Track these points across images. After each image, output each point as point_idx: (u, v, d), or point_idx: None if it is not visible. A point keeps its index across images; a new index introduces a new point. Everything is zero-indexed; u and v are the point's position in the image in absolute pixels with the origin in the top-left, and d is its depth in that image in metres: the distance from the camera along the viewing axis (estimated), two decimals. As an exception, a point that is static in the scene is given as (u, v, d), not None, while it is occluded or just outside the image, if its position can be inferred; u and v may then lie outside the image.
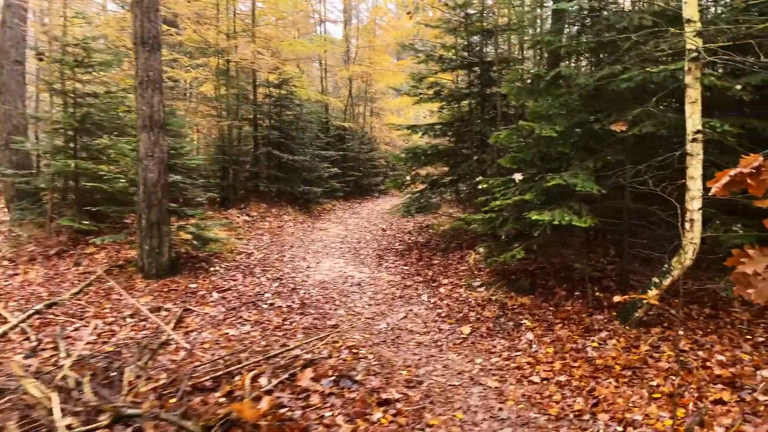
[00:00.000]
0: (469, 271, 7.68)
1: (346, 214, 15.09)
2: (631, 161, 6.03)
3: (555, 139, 5.98)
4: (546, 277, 7.01)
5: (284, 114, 15.17)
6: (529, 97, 6.42)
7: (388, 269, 8.13)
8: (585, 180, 5.47)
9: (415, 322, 5.92)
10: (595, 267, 7.72)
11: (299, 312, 6.14)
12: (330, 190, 17.32)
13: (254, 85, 15.03)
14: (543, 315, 5.89)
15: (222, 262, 8.21)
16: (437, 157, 9.45)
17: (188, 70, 14.73)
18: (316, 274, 7.79)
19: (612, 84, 5.70)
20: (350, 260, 8.75)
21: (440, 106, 9.87)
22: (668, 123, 5.41)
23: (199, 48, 13.63)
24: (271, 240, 10.39)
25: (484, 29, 8.93)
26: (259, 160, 15.17)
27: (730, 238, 5.39)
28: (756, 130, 6.02)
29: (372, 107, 24.39)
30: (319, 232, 11.64)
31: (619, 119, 5.77)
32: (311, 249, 9.59)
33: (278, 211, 13.59)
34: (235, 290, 6.91)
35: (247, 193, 14.29)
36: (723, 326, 5.57)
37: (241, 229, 11.07)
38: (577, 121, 6.15)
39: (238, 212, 12.67)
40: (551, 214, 5.37)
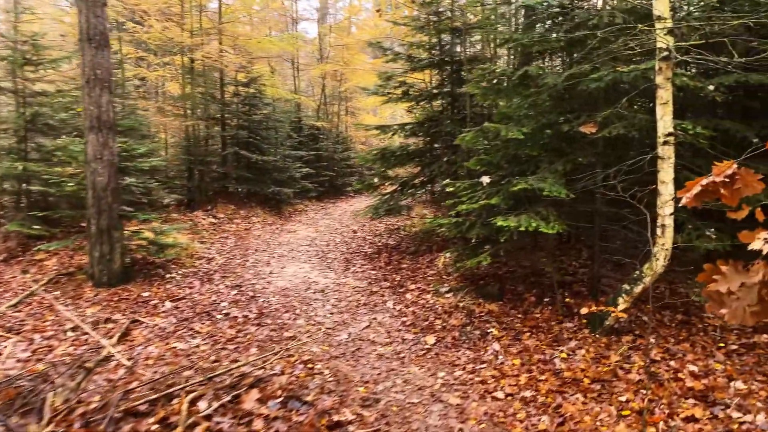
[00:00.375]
0: (437, 276, 7.42)
1: (318, 215, 14.74)
2: (602, 164, 5.83)
3: (522, 142, 5.75)
4: (516, 281, 6.78)
5: (253, 113, 14.76)
6: (496, 97, 6.18)
7: (355, 274, 7.83)
8: (553, 184, 5.24)
9: (378, 332, 5.63)
10: (566, 271, 7.53)
11: (255, 323, 5.80)
12: (302, 190, 16.95)
13: (221, 83, 14.59)
14: (511, 323, 5.65)
15: (180, 268, 7.81)
16: (408, 158, 9.18)
17: (155, 69, 14.24)
18: (279, 280, 7.45)
19: (581, 84, 5.49)
20: (316, 265, 8.42)
21: (409, 106, 9.61)
22: (639, 125, 5.22)
23: (161, 46, 13.14)
24: (235, 243, 10.00)
25: (453, 27, 8.68)
26: (227, 160, 14.74)
27: (702, 243, 5.22)
28: (729, 132, 5.87)
29: (347, 106, 24.05)
30: (287, 234, 11.27)
31: (588, 121, 5.57)
32: (276, 253, 9.24)
33: (247, 213, 13.18)
34: (189, 299, 6.53)
35: (215, 194, 13.84)
36: (695, 333, 5.41)
37: (205, 232, 10.65)
38: (546, 122, 5.93)
39: (204, 214, 12.24)
40: (517, 219, 5.13)
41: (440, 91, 9.19)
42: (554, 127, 5.96)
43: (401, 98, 9.21)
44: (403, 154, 8.89)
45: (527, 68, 5.56)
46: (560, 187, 5.25)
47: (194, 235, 10.20)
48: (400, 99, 9.26)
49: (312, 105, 20.18)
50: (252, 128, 14.61)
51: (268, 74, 16.16)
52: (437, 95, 9.17)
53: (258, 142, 14.61)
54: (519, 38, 6.10)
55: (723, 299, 2.39)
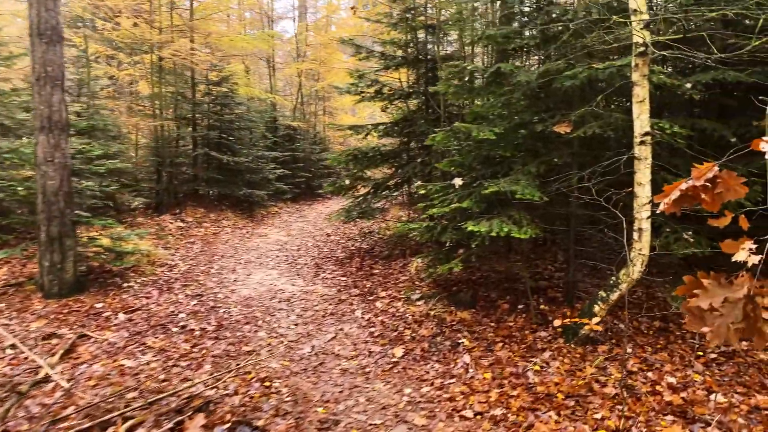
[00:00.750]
0: (410, 282, 7.14)
1: (292, 218, 14.37)
2: (577, 165, 5.60)
3: (495, 142, 5.50)
4: (489, 287, 6.53)
5: (225, 113, 14.32)
6: (469, 96, 5.91)
7: (325, 281, 7.50)
8: (526, 186, 4.99)
9: (343, 344, 5.31)
10: (541, 275, 7.30)
11: (213, 336, 5.44)
12: (277, 192, 16.55)
13: (193, 82, 14.13)
14: (483, 332, 5.38)
15: (139, 276, 7.40)
16: (382, 159, 8.87)
17: (126, 68, 13.74)
18: (243, 288, 7.09)
19: (556, 82, 5.24)
20: (285, 271, 8.08)
21: (383, 105, 9.31)
22: (615, 124, 4.99)
23: (130, 44, 12.65)
24: (201, 249, 9.60)
25: (428, 24, 8.41)
26: (198, 161, 14.29)
27: (680, 249, 5.01)
28: (706, 131, 5.68)
29: (324, 106, 23.69)
30: (258, 239, 10.89)
31: (562, 120, 5.33)
32: (244, 259, 8.86)
33: (217, 216, 12.76)
34: (145, 310, 6.14)
35: (185, 197, 13.40)
36: (673, 341, 5.20)
37: (171, 237, 10.23)
38: (520, 122, 5.68)
39: (171, 218, 11.79)
40: (489, 224, 4.86)
41: (414, 90, 8.91)
42: (528, 127, 5.72)
43: (374, 97, 8.91)
44: (376, 155, 8.59)
45: (500, 65, 5.30)
46: (534, 190, 4.99)
47: (159, 240, 9.78)
48: (373, 98, 8.95)
49: (287, 104, 19.77)
50: (224, 128, 14.19)
51: (241, 73, 15.72)
52: (411, 94, 8.89)
53: (230, 142, 14.19)
54: (492, 34, 5.84)
55: (704, 316, 2.13)
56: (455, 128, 5.29)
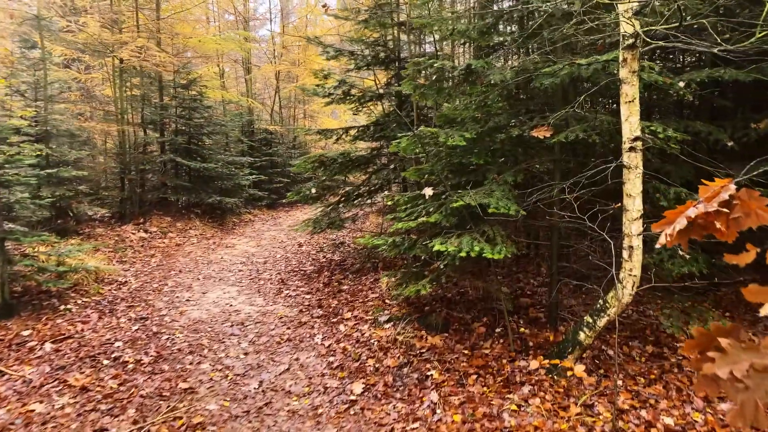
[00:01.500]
0: (379, 300, 6.52)
1: (266, 226, 13.68)
2: (560, 173, 5.02)
3: (467, 148, 4.91)
4: (465, 307, 5.93)
5: (195, 117, 13.63)
6: (438, 97, 5.31)
7: (287, 299, 6.86)
8: (501, 198, 4.40)
9: (297, 378, 4.67)
10: (523, 290, 6.72)
11: (148, 370, 4.76)
12: (251, 198, 15.89)
13: (160, 85, 13.44)
14: (455, 362, 4.77)
15: (81, 296, 6.70)
16: (352, 165, 8.24)
17: (94, 71, 13.04)
18: (195, 310, 6.42)
19: (534, 81, 4.66)
20: (245, 288, 7.42)
21: (353, 107, 8.69)
22: (601, 128, 4.41)
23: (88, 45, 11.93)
24: (160, 262, 8.90)
25: (399, 22, 7.82)
26: (166, 168, 13.58)
27: (677, 267, 4.44)
28: (700, 134, 5.14)
29: (305, 109, 23.05)
30: (223, 250, 10.21)
31: (541, 123, 4.75)
32: (203, 274, 8.18)
33: (184, 226, 12.05)
34: (78, 338, 5.45)
35: (151, 205, 12.68)
36: (669, 369, 4.63)
37: (129, 250, 9.52)
38: (494, 126, 5.09)
39: (134, 228, 11.07)
40: (458, 242, 4.26)
41: (387, 92, 8.31)
42: (505, 132, 5.14)
43: (343, 99, 8.29)
44: (345, 161, 7.96)
45: (470, 62, 4.70)
46: (510, 202, 4.40)
47: (114, 253, 9.07)
48: (342, 100, 8.33)
49: (264, 108, 19.09)
50: (192, 133, 13.50)
51: (211, 75, 15.05)
52: (383, 96, 8.29)
53: (198, 147, 13.50)
54: (463, 29, 5.25)
55: (725, 387, 1.52)
56: (421, 133, 4.68)
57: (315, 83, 8.18)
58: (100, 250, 9.21)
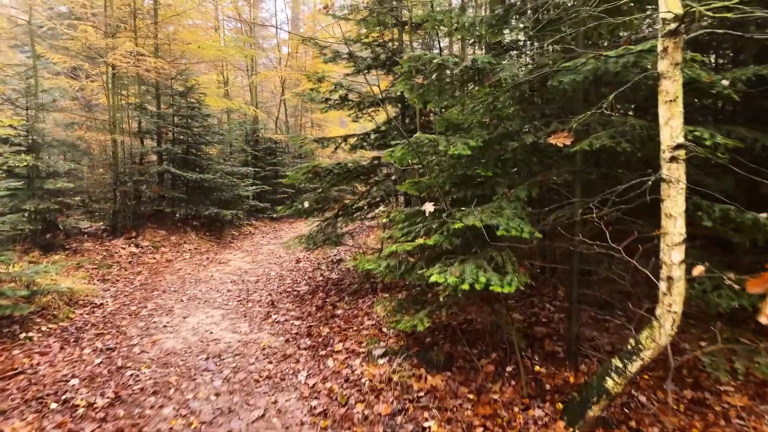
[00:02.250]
0: (376, 328, 5.81)
1: (265, 239, 13.04)
2: (581, 187, 4.29)
3: (473, 158, 4.22)
4: (471, 339, 5.20)
5: (194, 126, 13.09)
6: (438, 99, 4.62)
7: (274, 326, 6.18)
8: (512, 217, 3.69)
9: (272, 428, 3.98)
10: (538, 317, 5.98)
11: (100, 416, 4.09)
12: (255, 210, 15.32)
13: (157, 93, 12.93)
14: (459, 410, 4.05)
15: (48, 322, 6.09)
16: (351, 176, 7.57)
17: (93, 79, 12.57)
18: (170, 338, 5.76)
19: (552, 79, 3.96)
20: (231, 311, 6.75)
21: (352, 114, 8.05)
22: (632, 134, 3.70)
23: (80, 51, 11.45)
24: (144, 281, 8.28)
25: (399, 21, 7.17)
26: (164, 179, 13.04)
27: (725, 300, 3.69)
28: (745, 140, 4.39)
29: (312, 118, 22.51)
30: (216, 266, 9.57)
31: (560, 129, 4.04)
32: (188, 294, 7.54)
33: (179, 239, 11.46)
34: (31, 374, 4.81)
35: (146, 218, 12.12)
36: (714, 422, 3.87)
37: (115, 267, 8.92)
38: (504, 132, 4.39)
39: (125, 243, 10.50)
40: (461, 269, 3.55)
41: (387, 96, 7.65)
42: (517, 139, 4.44)
43: (340, 105, 7.65)
44: (342, 172, 7.30)
45: (475, 57, 4.02)
46: (522, 222, 3.69)
47: (97, 270, 8.47)
48: (340, 106, 7.69)
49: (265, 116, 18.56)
50: (190, 143, 12.96)
51: (213, 83, 14.55)
52: (384, 101, 7.62)
53: (197, 157, 12.95)
54: (469, 23, 4.58)
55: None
56: (416, 140, 3.99)
57: (310, 87, 7.53)
58: (83, 266, 8.63)
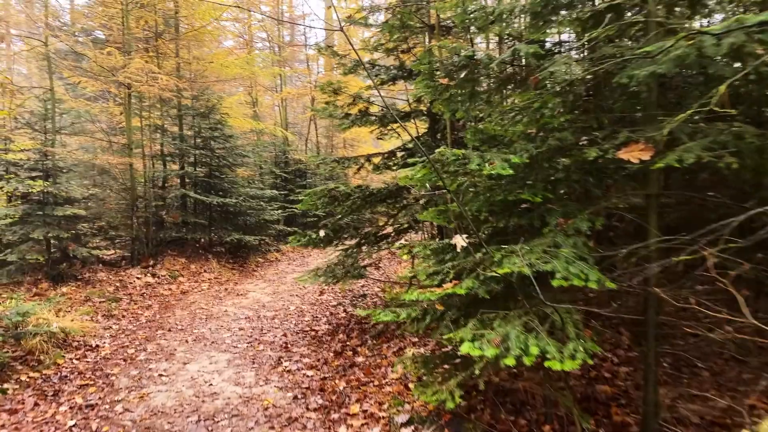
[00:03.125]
0: (401, 383, 4.87)
1: (290, 267, 12.28)
2: (656, 215, 3.28)
3: (514, 179, 3.29)
4: (516, 405, 4.19)
5: (216, 148, 12.54)
6: (469, 105, 3.71)
7: (284, 376, 5.30)
8: (573, 260, 2.73)
9: None
10: (599, 371, 4.91)
11: None
12: (281, 234, 14.65)
13: (179, 114, 12.47)
14: None
15: (31, 369, 5.39)
16: (374, 200, 6.70)
17: (117, 102, 12.25)
18: (162, 392, 4.95)
19: (622, 74, 2.99)
20: (238, 356, 5.92)
21: (376, 131, 7.22)
22: (740, 144, 2.70)
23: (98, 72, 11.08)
24: (152, 317, 7.57)
25: (426, 24, 6.33)
26: (186, 204, 12.51)
27: None
28: None
29: (344, 138, 21.90)
30: (232, 299, 8.81)
31: (632, 140, 3.07)
32: (196, 334, 6.76)
33: (199, 268, 10.81)
34: (-12, 442, 4.09)
35: (166, 245, 11.56)
36: None
37: (125, 299, 8.28)
38: (556, 145, 3.44)
39: (141, 272, 9.90)
40: (502, 332, 2.60)
41: (415, 110, 6.79)
42: (572, 154, 3.47)
43: (361, 120, 6.83)
44: (364, 196, 6.45)
45: (516, 47, 3.11)
46: (587, 267, 2.72)
47: (104, 304, 7.84)
48: (360, 121, 6.87)
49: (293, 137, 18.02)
50: (213, 166, 12.41)
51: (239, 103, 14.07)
52: (411, 115, 6.76)
53: (220, 180, 12.37)
54: (504, 10, 3.68)
55: None
56: (440, 156, 3.09)
57: (326, 101, 6.74)
58: (91, 300, 8.01)
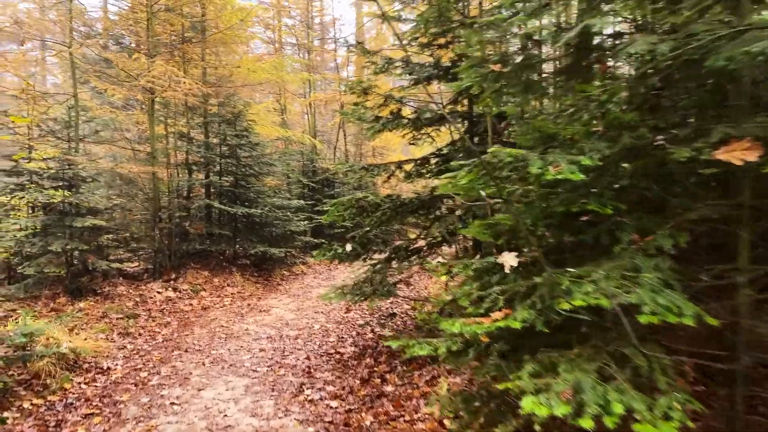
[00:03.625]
0: (434, 420, 4.27)
1: (316, 281, 11.79)
2: (749, 229, 2.64)
3: (575, 187, 2.70)
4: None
5: (242, 156, 12.20)
6: (523, 98, 3.13)
7: (305, 407, 4.76)
8: (659, 289, 2.12)
9: None
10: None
11: None
12: (308, 246, 14.22)
13: (204, 122, 12.19)
14: None
15: (36, 395, 4.98)
16: (404, 211, 6.15)
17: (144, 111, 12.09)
18: (173, 424, 4.45)
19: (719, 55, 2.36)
20: (258, 381, 5.41)
21: (408, 134, 6.67)
22: None
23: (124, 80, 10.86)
24: (170, 336, 7.14)
25: (465, 15, 5.77)
26: (210, 214, 12.18)
27: None
28: None
29: (373, 146, 21.46)
30: (255, 316, 8.34)
31: (731, 137, 2.45)
32: (214, 355, 6.29)
33: (222, 281, 10.41)
34: (-26, 483, 3.65)
35: (189, 257, 11.22)
36: None
37: (143, 317, 7.90)
38: (632, 144, 2.83)
39: (162, 286, 9.55)
40: (572, 381, 2.01)
41: (453, 111, 6.22)
42: (647, 155, 2.85)
43: (393, 123, 6.28)
44: (395, 206, 5.90)
45: (587, 22, 2.53)
46: (678, 298, 2.11)
47: (120, 321, 7.46)
48: (391, 125, 6.33)
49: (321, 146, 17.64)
50: (238, 175, 12.06)
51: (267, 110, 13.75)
52: (443, 119, 6.19)
53: (243, 191, 12.01)
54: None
55: None
56: (493, 157, 2.51)
57: (355, 102, 6.23)
58: (108, 316, 7.66)
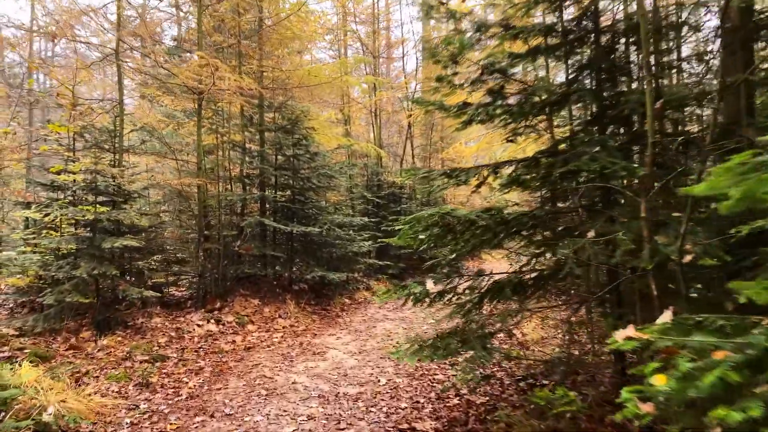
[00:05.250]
0: None
1: (381, 312, 10.04)
2: None
3: None
4: None
5: (302, 169, 10.78)
6: None
7: None
8: None
9: None
10: None
11: None
12: (372, 269, 12.60)
13: (260, 129, 10.89)
14: None
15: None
16: (506, 231, 4.35)
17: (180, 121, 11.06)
18: None
19: None
20: (297, 480, 3.74)
21: (506, 127, 4.81)
22: None
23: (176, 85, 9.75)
24: (198, 388, 5.61)
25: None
26: (265, 233, 10.81)
27: None
28: None
29: (442, 158, 19.74)
30: (307, 361, 6.69)
31: None
32: (246, 426, 4.66)
33: (273, 312, 8.92)
34: None
35: (239, 282, 9.86)
36: None
37: (172, 359, 6.47)
38: None
39: (204, 317, 8.16)
40: None
41: (577, 89, 4.38)
42: None
43: (486, 109, 4.48)
44: (496, 222, 4.12)
45: None
46: None
47: (152, 364, 6.05)
48: (486, 113, 4.53)
49: (386, 156, 16.09)
50: (296, 189, 10.65)
51: (318, 116, 12.37)
52: (568, 98, 4.34)
53: (300, 208, 10.57)
54: None
55: None
56: None
57: (436, 79, 4.51)
58: (133, 356, 6.29)
